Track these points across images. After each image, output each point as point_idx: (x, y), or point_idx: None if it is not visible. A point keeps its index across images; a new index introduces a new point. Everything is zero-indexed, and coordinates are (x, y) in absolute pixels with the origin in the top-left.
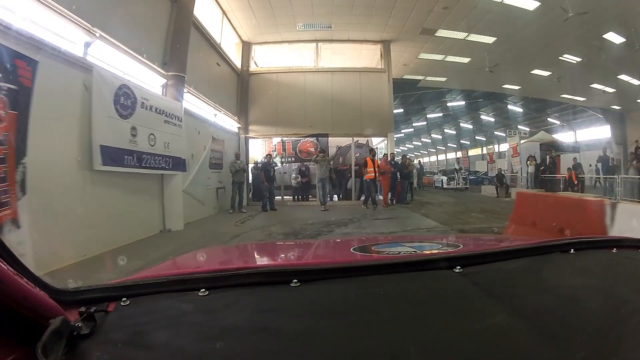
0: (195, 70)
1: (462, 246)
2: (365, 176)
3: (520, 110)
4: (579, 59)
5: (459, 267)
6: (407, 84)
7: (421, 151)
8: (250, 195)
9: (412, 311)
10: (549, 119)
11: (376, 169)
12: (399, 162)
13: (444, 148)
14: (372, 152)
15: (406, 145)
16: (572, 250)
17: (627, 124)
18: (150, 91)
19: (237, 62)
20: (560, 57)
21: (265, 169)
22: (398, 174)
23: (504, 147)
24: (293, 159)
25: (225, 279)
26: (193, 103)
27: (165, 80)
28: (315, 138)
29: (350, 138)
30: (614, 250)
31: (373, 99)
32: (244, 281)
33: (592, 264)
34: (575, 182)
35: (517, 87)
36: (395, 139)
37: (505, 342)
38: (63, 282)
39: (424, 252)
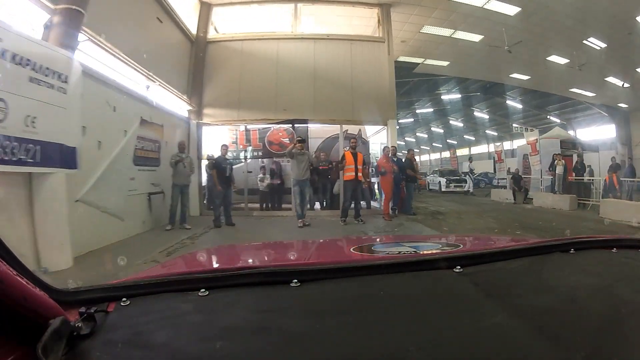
0: (114, 17)
1: (462, 246)
2: (343, 177)
3: (520, 106)
4: (603, 45)
5: (459, 267)
6: (402, 68)
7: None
8: (205, 202)
9: (412, 311)
10: (548, 116)
11: (358, 166)
12: (403, 159)
13: (439, 146)
14: (353, 141)
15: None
16: (572, 250)
17: (632, 123)
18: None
19: (193, 27)
20: (584, 41)
21: (219, 166)
22: (399, 173)
23: (504, 145)
24: (260, 153)
25: (225, 279)
26: (111, 66)
27: (50, 17)
28: (290, 125)
29: (338, 126)
30: (614, 250)
31: (369, 76)
32: (244, 281)
33: (592, 264)
34: (617, 187)
35: (526, 77)
36: (397, 127)
37: (505, 342)
38: (63, 282)
39: (424, 252)
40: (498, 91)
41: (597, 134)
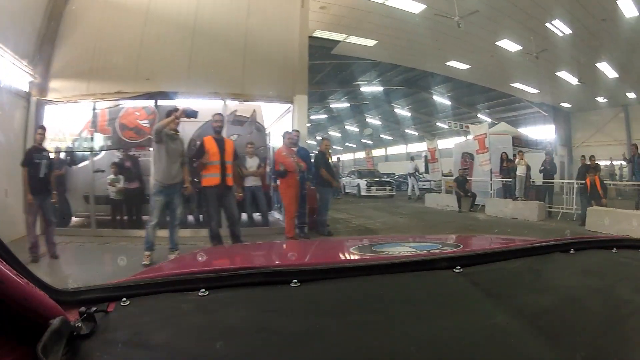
0: None
1: (462, 246)
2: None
3: (448, 103)
4: (569, 31)
5: (459, 267)
6: (319, 48)
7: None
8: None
9: (412, 311)
10: (479, 115)
11: (226, 162)
12: (313, 153)
13: (354, 146)
14: (217, 121)
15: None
16: (572, 250)
17: (573, 124)
18: None
19: None
20: (548, 24)
21: (30, 163)
22: (308, 173)
23: (423, 145)
24: (110, 142)
25: (225, 279)
26: None
27: None
28: (154, 101)
29: (222, 102)
30: (614, 250)
31: (271, 33)
32: (244, 281)
33: (592, 264)
34: (601, 192)
35: (464, 67)
36: (309, 112)
37: (505, 342)
38: (63, 282)
39: (424, 252)
40: (425, 84)
41: (534, 134)
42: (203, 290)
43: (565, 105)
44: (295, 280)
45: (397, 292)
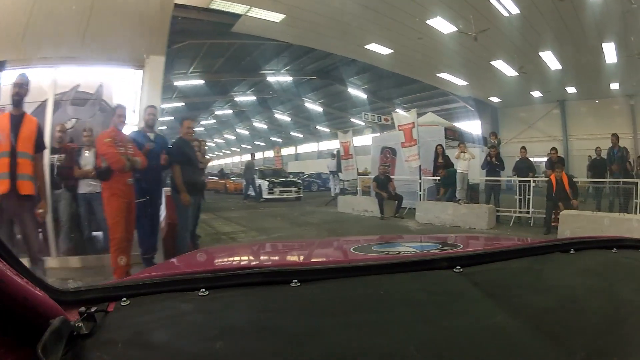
0: None
1: (462, 246)
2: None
3: (363, 96)
4: (516, 11)
5: (459, 267)
6: (217, 25)
7: (223, 151)
8: None
9: (412, 311)
10: (396, 109)
11: (19, 157)
12: (172, 139)
13: (263, 144)
14: (18, 88)
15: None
16: (572, 250)
17: (500, 120)
18: None
19: None
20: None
21: None
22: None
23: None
24: None
25: (225, 279)
26: None
27: None
28: None
29: (55, 71)
30: (614, 250)
31: None
32: (244, 281)
33: (592, 264)
34: (569, 191)
35: (387, 51)
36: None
37: (506, 342)
38: (63, 282)
39: (424, 252)
40: (339, 75)
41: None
42: (203, 290)
43: (495, 100)
44: (295, 280)
45: (397, 292)
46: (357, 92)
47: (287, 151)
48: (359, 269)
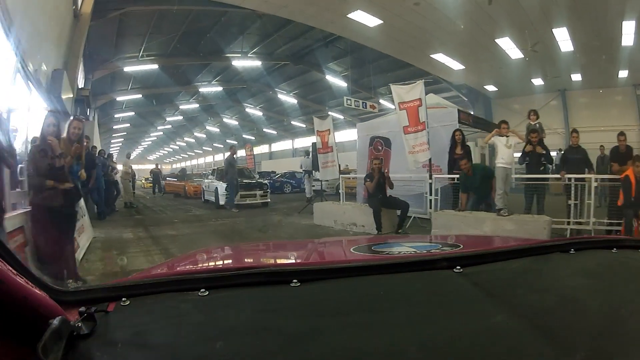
0: None
1: (462, 246)
2: None
3: (344, 84)
4: None
5: (459, 267)
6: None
7: (188, 153)
8: None
9: (412, 311)
10: (381, 100)
11: None
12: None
13: (235, 142)
14: None
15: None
16: (572, 250)
17: (494, 112)
18: None
19: None
20: None
21: None
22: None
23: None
24: None
25: (225, 279)
26: None
27: None
28: None
29: None
30: (614, 250)
31: None
32: (244, 281)
33: (592, 264)
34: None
35: (374, 22)
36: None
37: (506, 342)
38: (63, 282)
39: (424, 252)
40: (315, 61)
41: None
42: (203, 290)
43: (490, 88)
44: (295, 280)
45: (397, 292)
46: (336, 80)
47: (260, 149)
48: (359, 269)
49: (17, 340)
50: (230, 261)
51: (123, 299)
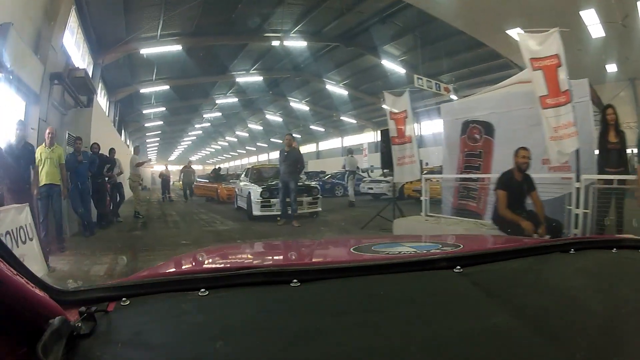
0: None
1: (462, 246)
2: None
3: (402, 71)
4: None
5: (459, 267)
6: None
7: (231, 153)
8: None
9: (412, 311)
10: (452, 85)
11: None
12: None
13: (278, 141)
14: None
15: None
16: (572, 250)
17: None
18: None
19: None
20: None
21: None
22: None
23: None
24: None
25: (225, 279)
26: None
27: None
28: None
29: None
30: (614, 250)
31: None
32: (244, 281)
33: (592, 264)
34: None
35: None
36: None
37: (506, 342)
38: (63, 281)
39: (424, 252)
40: (369, 42)
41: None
42: (203, 290)
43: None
44: (295, 280)
45: (397, 292)
46: (393, 66)
47: (307, 148)
48: (359, 269)
49: (17, 340)
50: (230, 261)
51: (123, 299)
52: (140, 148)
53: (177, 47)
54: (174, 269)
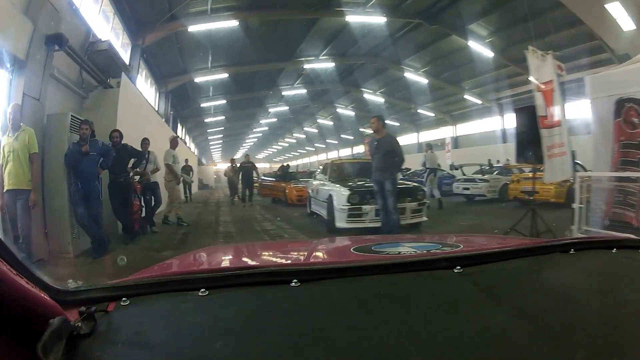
0: None
1: (462, 246)
2: None
3: (490, 55)
4: None
5: (459, 267)
6: None
7: (299, 151)
8: None
9: (412, 311)
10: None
11: None
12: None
13: (351, 138)
14: None
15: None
16: (572, 250)
17: None
18: None
19: None
20: None
21: None
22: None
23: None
24: None
25: (225, 279)
26: None
27: None
28: None
29: None
30: (614, 250)
31: None
32: (244, 281)
33: (592, 264)
34: None
35: None
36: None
37: (506, 342)
38: (63, 281)
39: (424, 252)
40: (453, 20)
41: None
42: (203, 290)
43: None
44: (295, 280)
45: (397, 292)
46: (479, 48)
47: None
48: (359, 269)
49: (17, 340)
50: (230, 261)
51: (123, 298)
52: (184, 141)
53: (233, 23)
54: (173, 269)
